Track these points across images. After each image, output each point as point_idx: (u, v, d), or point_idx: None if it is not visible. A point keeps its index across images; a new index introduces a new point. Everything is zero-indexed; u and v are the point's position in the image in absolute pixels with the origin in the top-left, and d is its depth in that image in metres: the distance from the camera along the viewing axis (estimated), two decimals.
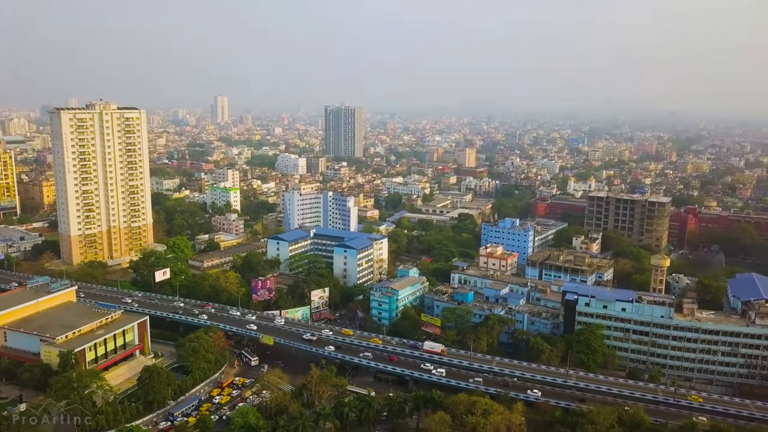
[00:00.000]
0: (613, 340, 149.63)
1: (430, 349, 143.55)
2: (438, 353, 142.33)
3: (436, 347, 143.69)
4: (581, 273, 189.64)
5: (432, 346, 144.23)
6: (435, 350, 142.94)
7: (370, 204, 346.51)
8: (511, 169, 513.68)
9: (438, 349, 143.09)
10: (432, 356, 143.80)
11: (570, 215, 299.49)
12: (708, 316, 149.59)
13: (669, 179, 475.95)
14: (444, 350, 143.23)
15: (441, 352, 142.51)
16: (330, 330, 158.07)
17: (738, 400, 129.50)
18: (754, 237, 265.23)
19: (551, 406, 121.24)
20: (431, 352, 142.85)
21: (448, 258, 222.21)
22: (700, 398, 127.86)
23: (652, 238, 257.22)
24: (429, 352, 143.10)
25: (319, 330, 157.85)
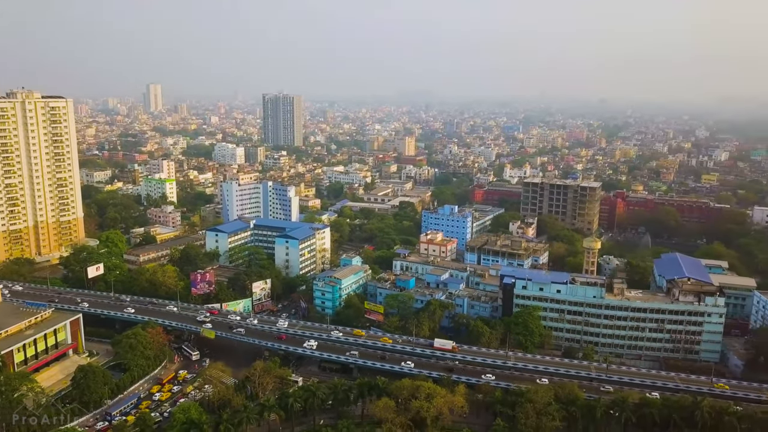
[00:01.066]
0: (549, 321, 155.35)
1: (441, 346, 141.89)
2: (449, 350, 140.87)
3: (446, 344, 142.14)
4: (518, 257, 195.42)
5: (442, 343, 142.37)
6: (446, 347, 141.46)
7: (312, 193, 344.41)
8: (450, 157, 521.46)
9: (449, 346, 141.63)
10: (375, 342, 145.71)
11: (506, 201, 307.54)
12: (636, 295, 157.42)
13: (599, 165, 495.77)
14: (455, 347, 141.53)
15: (452, 349, 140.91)
16: (340, 332, 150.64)
17: (664, 373, 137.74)
18: (677, 219, 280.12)
19: (491, 387, 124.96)
20: (442, 349, 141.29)
21: (390, 246, 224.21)
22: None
23: (584, 222, 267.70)
24: (440, 349, 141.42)
25: (328, 332, 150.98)
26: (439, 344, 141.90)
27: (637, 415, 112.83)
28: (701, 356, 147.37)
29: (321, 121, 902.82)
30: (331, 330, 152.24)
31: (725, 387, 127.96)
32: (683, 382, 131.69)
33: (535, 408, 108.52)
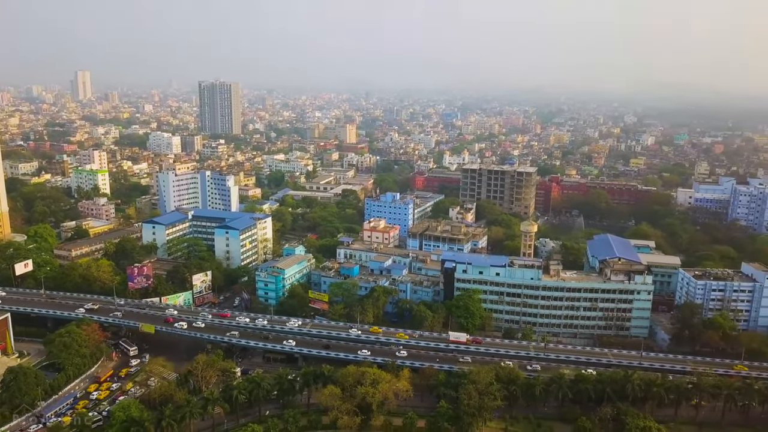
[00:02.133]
0: (489, 303, 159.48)
1: (456, 339, 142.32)
2: (464, 342, 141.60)
3: (461, 337, 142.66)
4: (458, 242, 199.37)
5: (457, 336, 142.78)
6: (461, 340, 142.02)
7: (252, 182, 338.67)
8: (391, 144, 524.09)
9: (463, 338, 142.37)
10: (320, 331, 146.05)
11: (446, 187, 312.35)
12: (571, 275, 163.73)
13: (534, 150, 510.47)
14: (469, 339, 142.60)
15: (467, 342, 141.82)
16: (359, 329, 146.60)
17: (598, 350, 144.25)
18: (608, 201, 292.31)
19: (435, 370, 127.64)
20: (457, 342, 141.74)
21: (333, 234, 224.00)
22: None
23: (521, 206, 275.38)
24: (455, 342, 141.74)
25: (347, 330, 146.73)
26: (454, 337, 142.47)
27: (574, 390, 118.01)
28: (632, 332, 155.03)
29: (260, 109, 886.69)
30: (349, 328, 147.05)
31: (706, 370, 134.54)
32: (615, 357, 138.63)
33: (478, 389, 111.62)
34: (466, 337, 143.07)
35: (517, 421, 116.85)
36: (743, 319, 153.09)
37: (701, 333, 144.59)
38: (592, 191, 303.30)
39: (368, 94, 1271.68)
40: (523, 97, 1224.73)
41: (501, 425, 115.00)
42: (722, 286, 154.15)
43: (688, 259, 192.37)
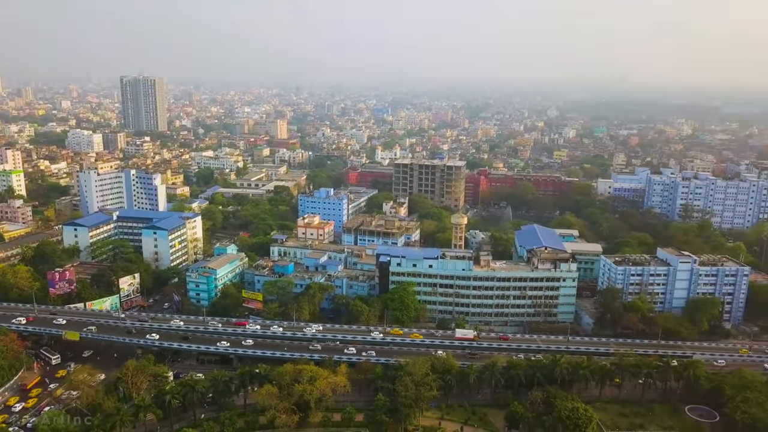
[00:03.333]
0: (423, 295, 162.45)
1: (463, 336, 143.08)
2: (470, 339, 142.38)
3: (468, 333, 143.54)
4: (392, 236, 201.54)
5: (464, 333, 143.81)
6: (468, 336, 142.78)
7: (180, 181, 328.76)
8: (323, 139, 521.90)
9: (470, 335, 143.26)
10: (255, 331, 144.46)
11: (379, 182, 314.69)
12: (501, 265, 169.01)
13: (463, 144, 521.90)
14: (476, 336, 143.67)
15: (473, 338, 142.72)
16: (378, 331, 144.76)
17: (528, 336, 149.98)
18: (534, 193, 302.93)
19: (372, 364, 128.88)
20: (464, 339, 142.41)
21: (266, 231, 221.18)
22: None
23: (452, 199, 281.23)
24: (461, 339, 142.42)
25: (369, 333, 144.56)
26: (461, 334, 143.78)
27: (506, 377, 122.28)
28: (559, 318, 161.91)
29: (186, 105, 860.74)
30: (371, 332, 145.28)
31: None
32: (544, 343, 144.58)
33: (414, 380, 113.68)
34: (474, 333, 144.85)
35: (453, 410, 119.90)
36: (659, 301, 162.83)
37: (622, 316, 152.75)
38: (518, 183, 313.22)
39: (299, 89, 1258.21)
40: (451, 92, 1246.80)
41: (437, 415, 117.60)
42: (640, 271, 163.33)
43: (609, 246, 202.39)
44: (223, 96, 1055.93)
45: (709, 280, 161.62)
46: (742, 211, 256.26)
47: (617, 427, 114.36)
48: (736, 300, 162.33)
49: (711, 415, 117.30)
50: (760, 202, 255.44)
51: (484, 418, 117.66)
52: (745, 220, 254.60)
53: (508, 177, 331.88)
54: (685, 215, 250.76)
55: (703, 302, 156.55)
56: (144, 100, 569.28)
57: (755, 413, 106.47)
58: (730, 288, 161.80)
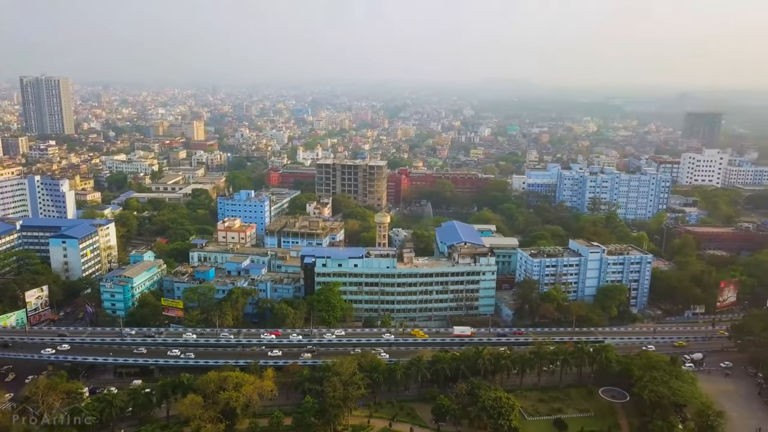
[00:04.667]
0: (350, 295, 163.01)
1: (461, 333, 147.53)
2: (468, 336, 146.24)
3: (465, 330, 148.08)
4: (316, 236, 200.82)
5: (462, 330, 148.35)
6: (465, 333, 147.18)
7: (90, 186, 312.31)
8: (242, 140, 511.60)
9: (468, 332, 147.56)
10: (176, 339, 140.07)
11: (302, 183, 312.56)
12: (423, 262, 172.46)
13: (384, 144, 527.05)
14: (473, 332, 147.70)
15: (471, 335, 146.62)
16: (390, 335, 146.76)
17: (451, 330, 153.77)
18: (453, 190, 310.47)
19: (299, 366, 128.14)
20: (461, 335, 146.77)
21: (185, 237, 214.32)
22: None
23: (375, 199, 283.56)
24: (459, 336, 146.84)
25: (380, 335, 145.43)
26: (459, 331, 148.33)
27: (432, 371, 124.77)
28: (480, 310, 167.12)
29: (95, 106, 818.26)
30: (383, 333, 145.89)
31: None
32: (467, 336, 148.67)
33: (342, 380, 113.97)
34: (471, 330, 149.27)
35: (381, 407, 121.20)
36: (573, 291, 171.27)
37: (539, 306, 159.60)
38: (438, 182, 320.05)
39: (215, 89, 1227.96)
40: (370, 92, 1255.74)
41: (365, 413, 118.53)
42: (554, 263, 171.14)
43: (525, 239, 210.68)
44: (135, 97, 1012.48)
45: (616, 269, 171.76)
46: (644, 202, 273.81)
47: (537, 413, 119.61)
48: (641, 286, 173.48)
49: (622, 396, 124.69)
50: (659, 193, 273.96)
51: (411, 413, 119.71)
52: (646, 210, 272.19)
53: (428, 176, 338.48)
54: (594, 208, 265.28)
55: (612, 289, 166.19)
56: (48, 101, 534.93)
57: (660, 391, 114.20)
58: (635, 275, 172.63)
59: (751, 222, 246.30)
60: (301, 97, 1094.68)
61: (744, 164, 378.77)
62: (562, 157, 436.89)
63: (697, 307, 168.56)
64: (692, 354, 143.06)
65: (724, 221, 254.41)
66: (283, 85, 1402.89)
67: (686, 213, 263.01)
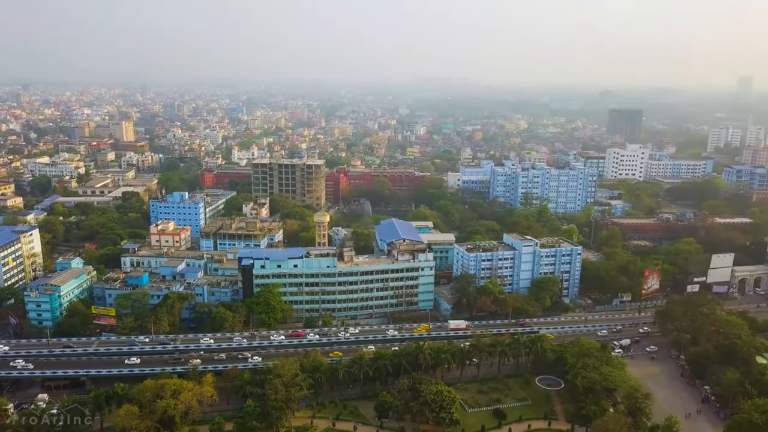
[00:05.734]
0: (290, 296, 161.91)
1: (456, 326, 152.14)
2: (463, 329, 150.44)
3: (461, 324, 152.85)
4: (254, 238, 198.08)
5: (457, 324, 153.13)
6: (460, 327, 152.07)
7: (10, 191, 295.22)
8: (174, 141, 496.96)
9: (463, 325, 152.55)
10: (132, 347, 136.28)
11: (238, 183, 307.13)
12: (363, 260, 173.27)
13: (321, 143, 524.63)
14: (468, 326, 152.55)
15: (465, 328, 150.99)
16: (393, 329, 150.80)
17: (392, 326, 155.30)
18: (391, 188, 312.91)
19: (239, 370, 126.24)
20: (457, 329, 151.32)
21: (116, 242, 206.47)
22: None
23: (313, 198, 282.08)
24: (455, 329, 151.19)
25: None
26: (455, 325, 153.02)
27: (374, 368, 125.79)
28: (420, 306, 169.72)
29: (14, 107, 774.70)
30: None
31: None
32: (407, 331, 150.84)
33: (284, 381, 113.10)
34: (465, 323, 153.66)
35: (324, 407, 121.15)
36: (508, 283, 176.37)
37: (476, 299, 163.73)
38: (376, 180, 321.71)
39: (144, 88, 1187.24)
40: (305, 91, 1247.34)
41: (308, 414, 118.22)
42: (489, 257, 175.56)
43: (461, 234, 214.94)
44: (59, 97, 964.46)
45: (549, 261, 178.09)
46: (573, 196, 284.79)
47: (478, 404, 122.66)
48: (572, 277, 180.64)
49: (557, 383, 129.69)
50: (587, 187, 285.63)
51: (355, 411, 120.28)
52: (575, 204, 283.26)
53: (366, 174, 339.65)
54: (526, 202, 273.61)
55: (545, 281, 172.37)
56: None
57: (592, 377, 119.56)
58: (566, 267, 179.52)
59: (671, 213, 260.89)
60: (235, 96, 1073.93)
61: (663, 158, 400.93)
62: (495, 154, 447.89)
63: (624, 295, 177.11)
64: (621, 340, 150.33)
65: (647, 213, 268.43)
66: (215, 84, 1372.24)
67: (612, 206, 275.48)
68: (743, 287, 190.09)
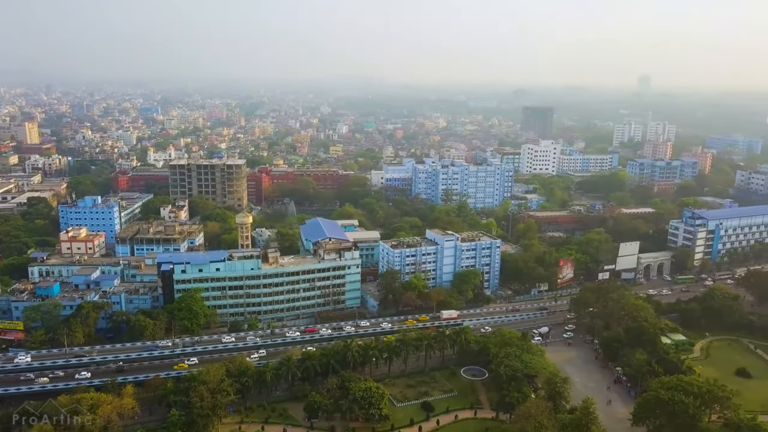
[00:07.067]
0: (213, 300, 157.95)
1: (449, 316, 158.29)
2: (455, 318, 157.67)
3: (453, 314, 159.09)
4: (174, 242, 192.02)
5: (450, 314, 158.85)
6: (453, 316, 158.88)
7: None
8: (84, 143, 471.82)
9: (455, 314, 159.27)
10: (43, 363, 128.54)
11: (154, 186, 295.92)
12: (289, 260, 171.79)
13: (241, 142, 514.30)
14: (458, 315, 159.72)
15: (457, 317, 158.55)
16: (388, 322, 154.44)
17: (320, 326, 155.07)
18: (315, 187, 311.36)
19: (162, 380, 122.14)
20: (450, 318, 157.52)
21: (22, 251, 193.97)
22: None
23: (234, 199, 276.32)
24: (447, 319, 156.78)
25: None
26: (447, 315, 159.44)
27: (302, 369, 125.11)
28: (347, 304, 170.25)
29: None
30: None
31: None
32: (335, 330, 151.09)
33: (209, 388, 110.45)
34: (457, 313, 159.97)
35: (252, 411, 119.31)
36: (432, 278, 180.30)
37: (402, 295, 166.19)
38: (299, 179, 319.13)
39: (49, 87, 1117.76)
40: (224, 90, 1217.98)
41: (236, 419, 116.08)
42: (413, 252, 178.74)
43: (386, 231, 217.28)
44: None
45: (470, 254, 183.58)
46: (491, 191, 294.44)
47: (406, 399, 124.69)
48: (492, 269, 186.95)
49: (481, 373, 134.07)
50: (504, 183, 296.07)
51: (284, 413, 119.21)
52: (493, 199, 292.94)
53: (289, 173, 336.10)
54: (446, 199, 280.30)
55: (467, 274, 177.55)
56: None
57: (514, 365, 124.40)
58: (486, 259, 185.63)
59: (582, 205, 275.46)
60: (149, 96, 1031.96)
61: (574, 153, 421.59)
62: (416, 152, 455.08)
63: (542, 285, 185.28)
64: (540, 328, 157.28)
65: (560, 205, 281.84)
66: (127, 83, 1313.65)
67: (528, 199, 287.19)
68: (648, 273, 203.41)
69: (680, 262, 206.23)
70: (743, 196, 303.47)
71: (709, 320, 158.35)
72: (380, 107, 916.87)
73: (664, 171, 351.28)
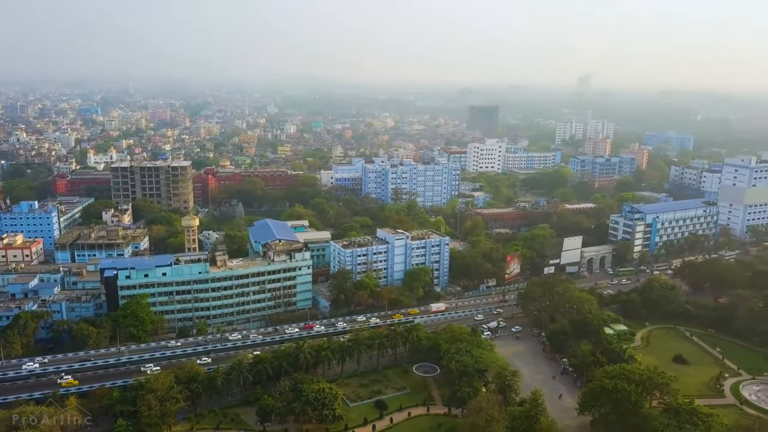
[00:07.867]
0: (160, 306, 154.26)
1: (437, 309, 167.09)
2: (444, 311, 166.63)
3: (441, 306, 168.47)
4: (117, 246, 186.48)
5: (438, 306, 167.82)
6: (441, 309, 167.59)
7: None
8: (18, 145, 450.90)
9: (443, 307, 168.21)
10: None
11: (95, 189, 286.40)
12: (238, 263, 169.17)
13: (186, 144, 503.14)
14: (446, 308, 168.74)
15: (445, 310, 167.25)
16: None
17: (271, 329, 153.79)
18: (263, 188, 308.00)
19: (108, 389, 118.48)
20: (438, 311, 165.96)
21: None
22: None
23: (180, 201, 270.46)
24: (436, 312, 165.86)
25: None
26: (436, 308, 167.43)
27: (253, 373, 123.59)
28: (298, 305, 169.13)
29: None
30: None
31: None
32: (287, 333, 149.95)
33: (157, 396, 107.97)
34: (445, 306, 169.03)
35: (203, 417, 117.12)
36: (383, 276, 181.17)
37: (354, 294, 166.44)
38: (247, 180, 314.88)
39: None
40: (166, 90, 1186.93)
41: (187, 426, 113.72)
42: (364, 252, 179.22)
43: (336, 231, 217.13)
44: None
45: (420, 252, 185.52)
46: (439, 190, 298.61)
47: (359, 398, 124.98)
48: (441, 266, 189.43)
49: (433, 370, 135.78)
50: (451, 181, 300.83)
51: (236, 418, 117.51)
52: (441, 197, 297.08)
53: (237, 174, 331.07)
54: (396, 197, 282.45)
55: (417, 272, 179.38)
56: None
57: (465, 360, 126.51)
58: (436, 257, 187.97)
59: (527, 201, 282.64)
60: (88, 96, 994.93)
61: (518, 151, 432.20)
62: (365, 152, 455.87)
63: (490, 281, 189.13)
64: (489, 323, 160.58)
65: (506, 202, 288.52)
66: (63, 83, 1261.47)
67: (475, 197, 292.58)
68: (591, 266, 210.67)
69: (621, 255, 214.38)
70: (677, 191, 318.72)
71: (649, 310, 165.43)
72: (328, 107, 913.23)
73: (604, 167, 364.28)
